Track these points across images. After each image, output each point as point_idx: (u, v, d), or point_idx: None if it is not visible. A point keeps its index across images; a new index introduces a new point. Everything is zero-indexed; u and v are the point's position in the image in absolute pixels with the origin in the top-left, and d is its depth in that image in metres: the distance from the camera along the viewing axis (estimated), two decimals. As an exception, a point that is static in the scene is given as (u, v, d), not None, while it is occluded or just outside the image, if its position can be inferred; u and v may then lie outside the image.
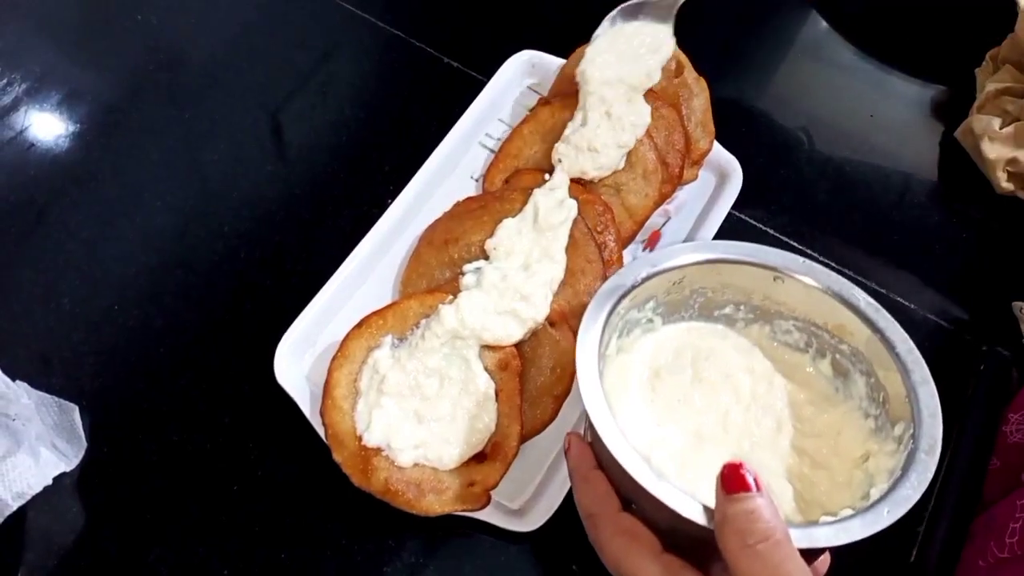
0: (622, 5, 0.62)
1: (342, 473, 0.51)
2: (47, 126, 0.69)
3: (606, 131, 0.59)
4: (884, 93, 0.75)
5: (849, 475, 0.45)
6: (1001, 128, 0.66)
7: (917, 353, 0.43)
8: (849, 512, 0.39)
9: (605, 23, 0.62)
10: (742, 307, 0.50)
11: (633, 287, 0.45)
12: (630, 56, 0.61)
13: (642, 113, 0.60)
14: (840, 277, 0.46)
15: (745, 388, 0.48)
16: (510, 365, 0.53)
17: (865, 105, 0.74)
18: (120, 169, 0.66)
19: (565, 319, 0.55)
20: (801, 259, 0.47)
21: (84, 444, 0.53)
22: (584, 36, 0.65)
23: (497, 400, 0.52)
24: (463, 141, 0.65)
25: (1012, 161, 0.66)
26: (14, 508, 0.47)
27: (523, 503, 0.53)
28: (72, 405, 0.54)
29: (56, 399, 0.53)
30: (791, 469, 0.46)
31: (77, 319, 0.59)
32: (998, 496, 0.53)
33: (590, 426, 0.41)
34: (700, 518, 0.37)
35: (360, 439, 0.51)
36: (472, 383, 0.52)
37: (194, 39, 0.75)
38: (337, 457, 0.51)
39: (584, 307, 0.56)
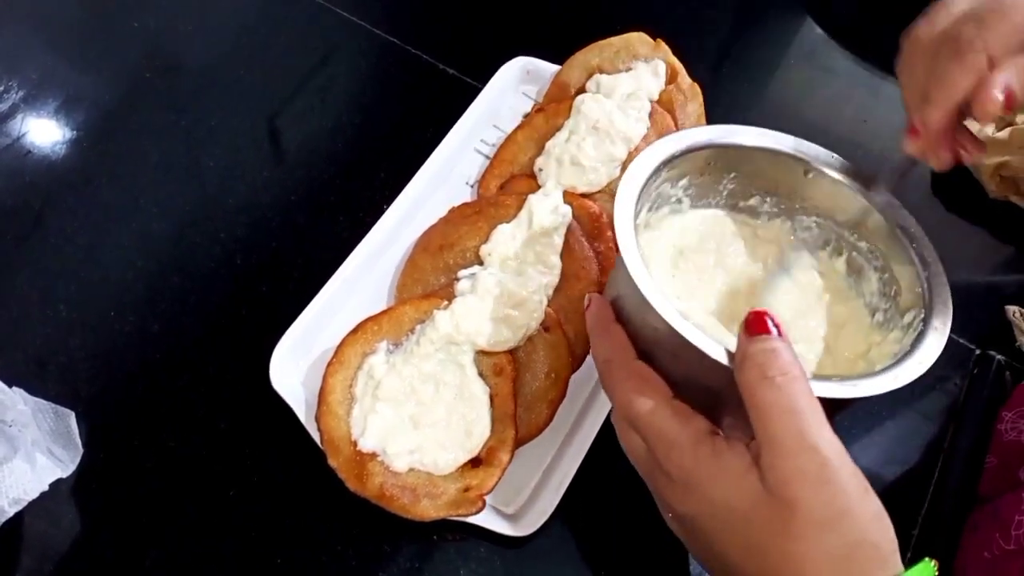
0: None
1: (337, 478, 0.51)
2: (44, 132, 0.69)
3: (592, 146, 0.60)
4: (878, 99, 0.75)
5: (851, 366, 0.46)
6: (994, 133, 0.66)
7: (932, 249, 0.45)
8: (859, 374, 0.40)
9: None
10: (768, 200, 0.51)
11: (673, 157, 0.46)
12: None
13: (636, 126, 0.61)
14: (865, 169, 0.47)
15: (763, 276, 0.50)
16: (505, 370, 0.53)
17: (859, 111, 0.74)
18: (117, 174, 0.67)
19: (560, 324, 0.55)
20: (832, 154, 0.48)
21: (80, 450, 0.53)
22: (579, 42, 0.66)
23: (492, 405, 0.53)
24: (458, 147, 0.66)
25: (1004, 165, 0.66)
26: (10, 514, 0.47)
27: (518, 508, 0.53)
28: (68, 411, 0.54)
29: (52, 405, 0.53)
30: (803, 342, 0.47)
31: (74, 324, 0.59)
32: (995, 493, 0.53)
33: (619, 279, 0.42)
34: (721, 356, 0.38)
35: (355, 444, 0.51)
36: (467, 388, 0.52)
37: (191, 45, 0.75)
38: (332, 462, 0.51)
39: (579, 312, 0.57)
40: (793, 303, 0.49)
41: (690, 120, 0.63)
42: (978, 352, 0.61)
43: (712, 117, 0.64)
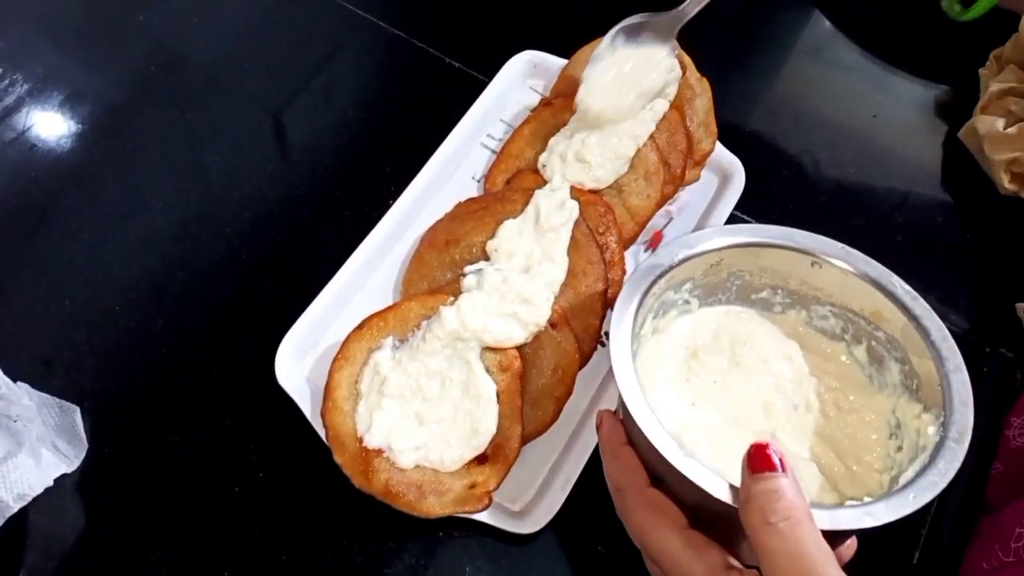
0: (622, 24, 0.60)
1: (343, 475, 0.51)
2: (49, 127, 0.69)
3: (597, 143, 0.59)
4: (887, 93, 0.74)
5: (878, 464, 0.45)
6: (1005, 128, 0.66)
7: (952, 341, 0.43)
8: (876, 496, 0.39)
9: (606, 41, 0.60)
10: (779, 291, 0.50)
11: (670, 267, 0.46)
12: (631, 82, 0.59)
13: (643, 122, 0.60)
14: (877, 264, 0.46)
15: (781, 374, 0.49)
16: (511, 367, 0.53)
17: (868, 105, 0.73)
18: (122, 170, 0.66)
19: (566, 321, 0.55)
20: (839, 244, 0.47)
21: (85, 445, 0.53)
22: (586, 36, 0.65)
23: (498, 402, 0.52)
24: (465, 142, 0.65)
25: (1016, 162, 0.65)
26: (15, 509, 0.47)
27: (524, 505, 0.53)
28: (73, 406, 0.54)
29: (57, 400, 0.53)
30: (821, 455, 0.46)
31: (78, 320, 0.59)
32: (1001, 501, 0.52)
33: (622, 404, 0.41)
34: (725, 495, 0.37)
35: (361, 441, 0.51)
36: (473, 385, 0.52)
37: (196, 40, 0.75)
38: (338, 459, 0.51)
39: (586, 309, 0.56)
40: (811, 402, 0.48)
41: (699, 115, 0.63)
42: (988, 350, 0.60)
43: (721, 111, 0.63)
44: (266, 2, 0.77)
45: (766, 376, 0.49)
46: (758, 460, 0.37)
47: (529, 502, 0.53)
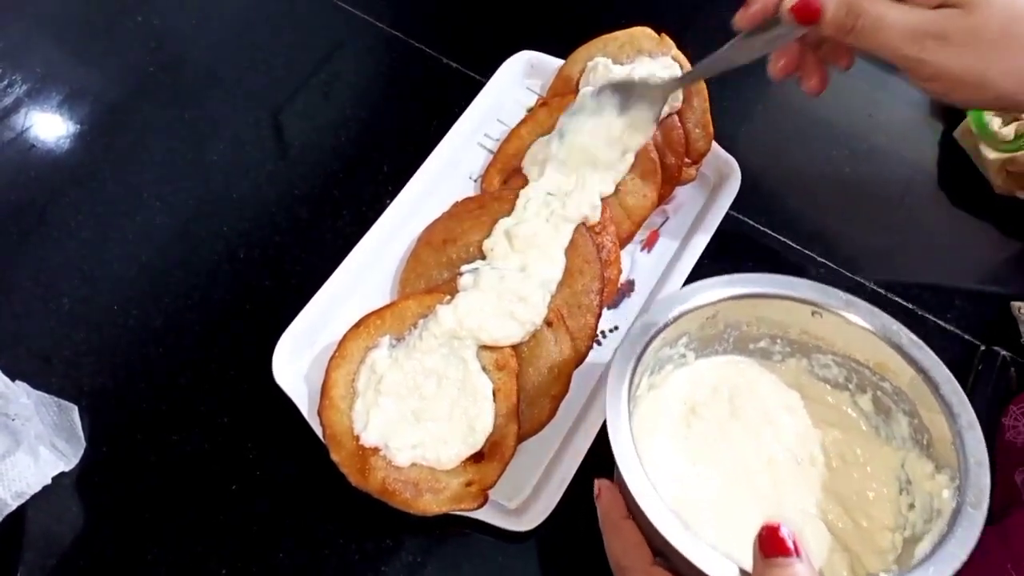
0: (611, 81, 0.59)
1: (340, 473, 0.51)
2: (48, 126, 0.69)
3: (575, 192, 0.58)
4: (883, 93, 0.74)
5: (888, 520, 0.44)
6: (1001, 127, 0.66)
7: (963, 395, 0.41)
8: (894, 572, 0.38)
9: (589, 94, 0.58)
10: (779, 341, 0.48)
11: (665, 326, 0.44)
12: (604, 142, 0.58)
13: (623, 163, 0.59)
14: (882, 313, 0.44)
15: (783, 427, 0.47)
16: (507, 365, 0.53)
17: (864, 105, 0.73)
18: (121, 169, 0.67)
19: (563, 320, 0.55)
20: (841, 293, 0.45)
21: (83, 444, 0.53)
22: (583, 37, 0.66)
23: (494, 400, 0.52)
24: (462, 141, 0.65)
25: (1011, 161, 0.65)
26: (13, 507, 0.47)
27: (520, 502, 0.53)
28: (71, 405, 0.54)
29: (55, 399, 0.53)
30: (828, 511, 0.45)
31: (77, 319, 0.59)
32: (998, 504, 0.51)
33: (619, 476, 0.40)
34: None
35: (358, 439, 0.51)
36: (469, 383, 0.52)
37: (195, 39, 0.75)
38: (335, 457, 0.51)
39: (582, 308, 0.56)
40: (815, 455, 0.46)
41: (695, 115, 0.63)
42: (983, 348, 0.60)
43: (717, 112, 0.63)
44: (265, 2, 0.78)
45: (768, 429, 0.47)
46: (771, 544, 0.35)
47: (525, 500, 0.53)
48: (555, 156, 0.58)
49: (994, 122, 0.66)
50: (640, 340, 0.43)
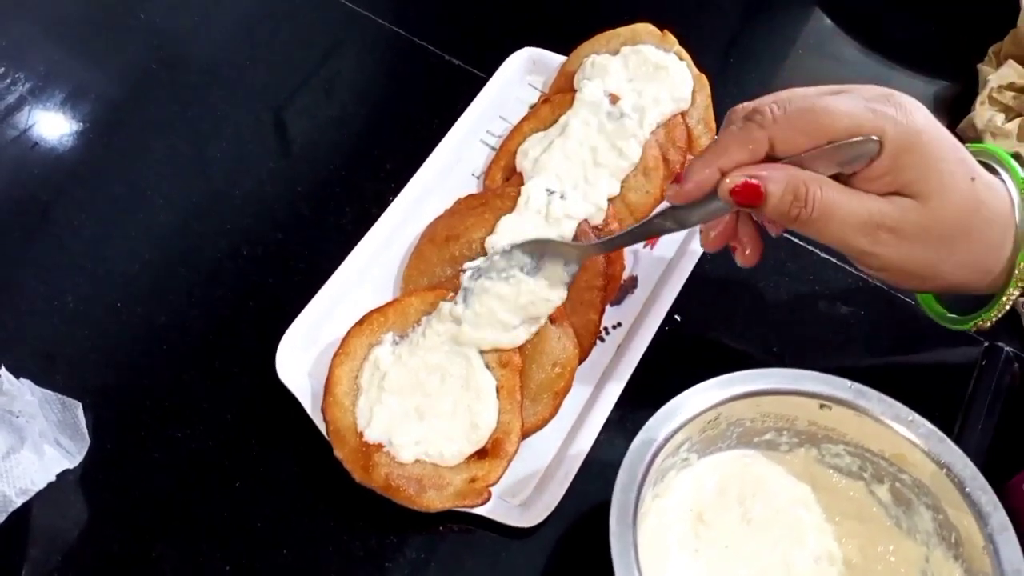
0: (523, 241, 0.53)
1: (343, 469, 0.51)
2: (51, 125, 0.69)
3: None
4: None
5: None
6: (1004, 123, 0.66)
7: (991, 492, 0.39)
8: None
9: (499, 252, 0.53)
10: (785, 432, 0.46)
11: (666, 441, 0.41)
12: (518, 311, 0.53)
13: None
14: (896, 403, 0.42)
15: (797, 523, 0.45)
16: (511, 362, 0.53)
17: (867, 101, 0.73)
18: (123, 167, 0.67)
19: (566, 316, 0.55)
20: (849, 383, 0.43)
21: (87, 441, 0.53)
22: (585, 33, 0.65)
23: (498, 397, 0.53)
24: (464, 138, 0.65)
25: (1015, 157, 0.65)
26: (18, 504, 0.47)
27: (524, 499, 0.53)
28: (76, 402, 0.54)
29: (60, 396, 0.53)
30: None
31: (81, 316, 0.59)
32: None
33: None
34: None
35: (361, 435, 0.51)
36: (473, 380, 0.52)
37: (197, 37, 0.75)
38: (338, 453, 0.51)
39: (585, 304, 0.56)
40: (833, 553, 0.44)
41: (698, 112, 0.63)
42: (986, 344, 0.60)
43: (720, 108, 0.63)
44: (266, 0, 0.78)
45: (782, 529, 0.44)
46: None
47: (529, 496, 0.53)
48: (461, 317, 0.53)
49: (996, 118, 0.66)
50: (641, 462, 0.41)
